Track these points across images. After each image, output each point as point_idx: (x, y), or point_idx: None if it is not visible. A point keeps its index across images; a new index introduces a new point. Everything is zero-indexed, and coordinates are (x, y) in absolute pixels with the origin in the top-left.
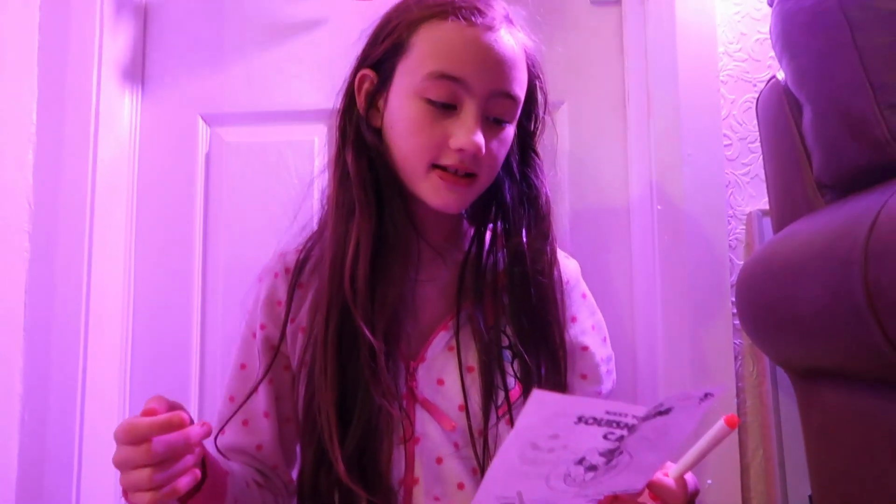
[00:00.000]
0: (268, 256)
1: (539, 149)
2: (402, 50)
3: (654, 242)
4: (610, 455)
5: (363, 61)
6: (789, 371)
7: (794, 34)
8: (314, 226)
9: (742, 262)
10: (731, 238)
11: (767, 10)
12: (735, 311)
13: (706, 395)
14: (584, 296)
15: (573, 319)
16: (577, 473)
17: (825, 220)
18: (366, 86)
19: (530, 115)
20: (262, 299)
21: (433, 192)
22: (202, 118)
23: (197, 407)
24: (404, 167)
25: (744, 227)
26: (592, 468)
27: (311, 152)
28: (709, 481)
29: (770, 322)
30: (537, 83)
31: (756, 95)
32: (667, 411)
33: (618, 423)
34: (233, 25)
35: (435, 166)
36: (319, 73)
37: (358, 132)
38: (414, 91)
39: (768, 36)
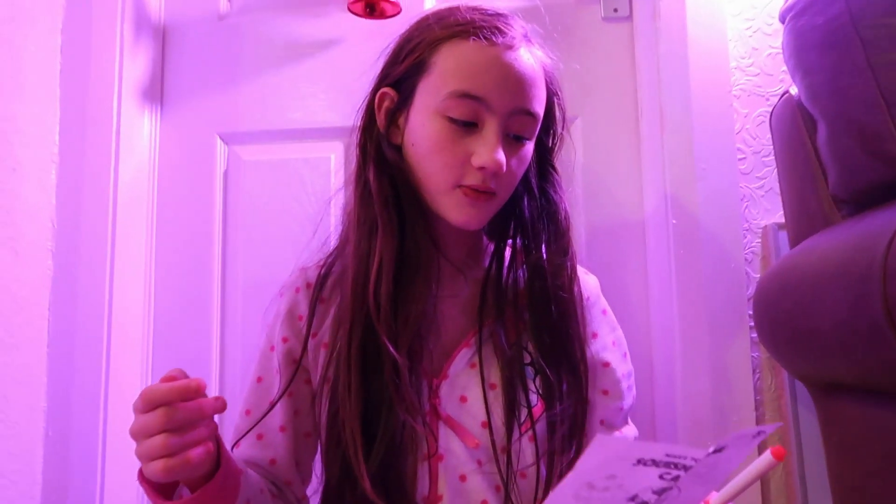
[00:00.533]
0: (286, 272)
1: (557, 164)
2: (423, 69)
3: (670, 256)
4: (662, 492)
5: (383, 79)
6: (808, 385)
7: (806, 51)
8: (333, 242)
9: (758, 276)
10: (746, 251)
11: (779, 26)
12: (752, 324)
13: (759, 433)
14: (604, 312)
15: (594, 335)
16: None
17: (842, 236)
18: (386, 104)
19: (549, 131)
20: (284, 313)
21: (455, 210)
22: (220, 137)
23: (217, 421)
24: (427, 185)
25: (759, 240)
26: None
27: (328, 169)
28: None
29: (788, 336)
30: (555, 100)
31: (769, 109)
32: (721, 450)
33: (675, 465)
34: (249, 46)
35: (458, 186)
36: (335, 91)
37: (379, 150)
38: (435, 109)
39: (780, 50)
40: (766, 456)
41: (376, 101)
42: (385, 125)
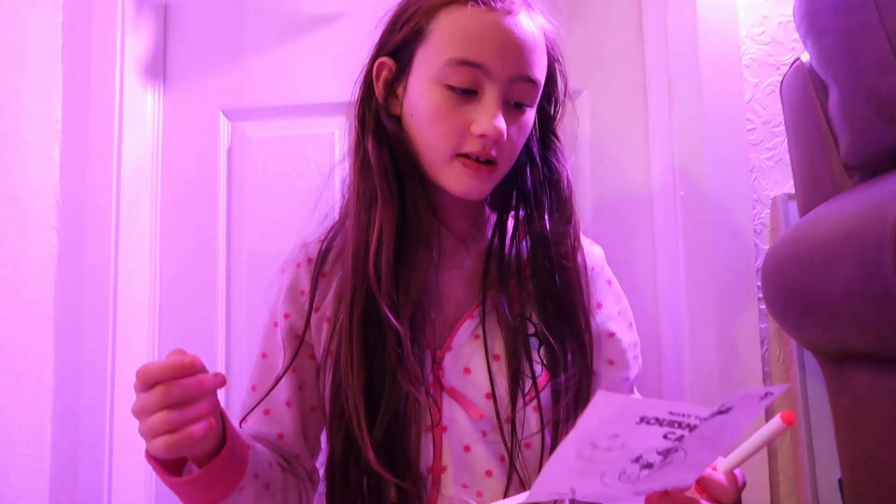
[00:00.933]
0: (290, 248)
1: (560, 133)
2: (420, 37)
3: (678, 228)
4: (667, 453)
5: (381, 49)
6: (818, 354)
7: (819, 15)
8: (335, 216)
9: (767, 247)
10: (755, 223)
11: None
12: (761, 295)
13: (766, 394)
14: (609, 282)
15: (599, 306)
16: (632, 471)
17: (854, 202)
18: (384, 74)
19: (550, 99)
20: (286, 289)
21: (455, 180)
22: (223, 113)
23: (224, 396)
24: (426, 155)
25: (769, 211)
26: (648, 466)
27: (332, 145)
28: None
29: (798, 306)
30: (557, 66)
31: (779, 79)
32: (727, 410)
33: (679, 424)
34: (252, 21)
35: (458, 155)
36: (338, 66)
37: (378, 121)
38: (434, 78)
39: (791, 18)
40: (776, 421)
41: (374, 71)
42: (383, 95)
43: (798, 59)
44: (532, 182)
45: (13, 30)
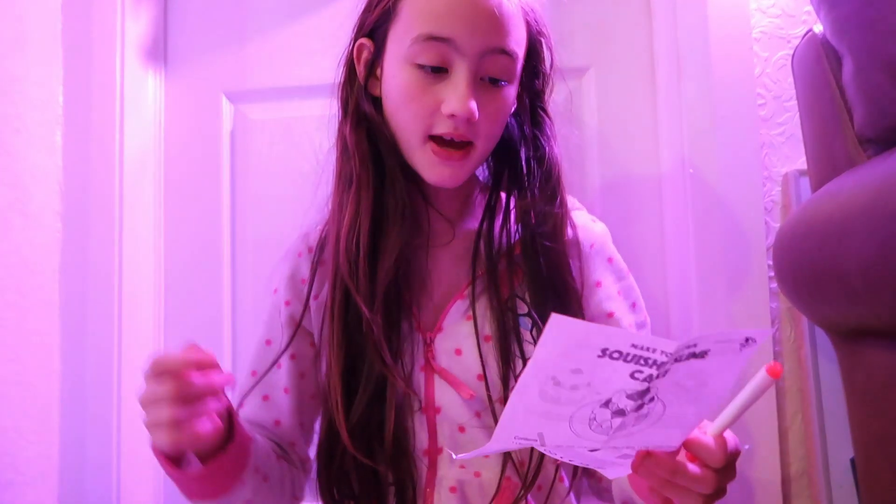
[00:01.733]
0: (295, 231)
1: (550, 109)
2: (391, 15)
3: (687, 207)
4: (639, 398)
5: (359, 30)
6: (831, 332)
7: None
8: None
9: (778, 225)
10: (766, 200)
11: None
12: (772, 274)
13: (747, 340)
14: (610, 259)
15: (598, 284)
16: (603, 418)
17: (869, 175)
18: (364, 55)
19: (537, 73)
20: (286, 277)
21: (427, 167)
22: (226, 96)
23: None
24: (401, 138)
25: (779, 188)
26: (620, 413)
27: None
28: (746, 446)
29: (811, 282)
30: (541, 38)
31: (791, 52)
32: (702, 354)
33: (646, 360)
34: (253, 2)
35: (430, 137)
36: (341, 47)
37: (357, 104)
38: (404, 57)
39: None
40: (761, 375)
41: (355, 52)
42: (364, 77)
43: (810, 30)
44: (525, 162)
45: (13, 12)
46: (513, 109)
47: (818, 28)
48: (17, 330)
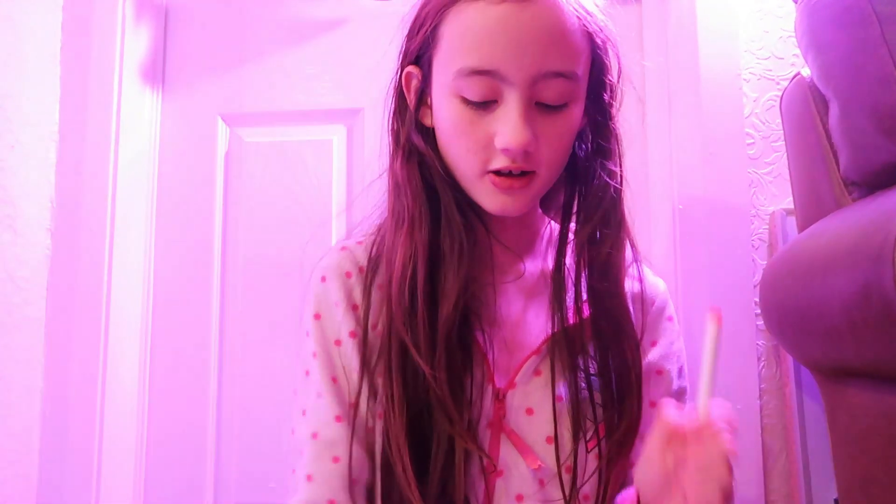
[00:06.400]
0: (286, 255)
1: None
2: (432, 42)
3: (676, 242)
4: None
5: (405, 57)
6: (815, 372)
7: (820, 29)
8: (375, 219)
9: (765, 263)
10: (753, 238)
11: (791, 7)
12: (758, 311)
13: None
14: (670, 318)
15: (653, 343)
16: None
17: (853, 217)
18: (413, 83)
19: (603, 85)
20: (343, 302)
21: (488, 198)
22: (222, 118)
23: (215, 403)
24: (456, 171)
25: (767, 226)
26: None
27: (330, 152)
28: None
29: (796, 321)
30: (607, 46)
31: (779, 93)
32: None
33: None
34: (253, 26)
35: (488, 171)
36: (339, 73)
37: (408, 136)
38: (450, 90)
39: (792, 33)
40: (709, 326)
41: (403, 81)
42: (416, 105)
43: (798, 73)
44: (586, 190)
45: (12, 29)
46: (579, 128)
47: (806, 72)
48: (3, 348)
